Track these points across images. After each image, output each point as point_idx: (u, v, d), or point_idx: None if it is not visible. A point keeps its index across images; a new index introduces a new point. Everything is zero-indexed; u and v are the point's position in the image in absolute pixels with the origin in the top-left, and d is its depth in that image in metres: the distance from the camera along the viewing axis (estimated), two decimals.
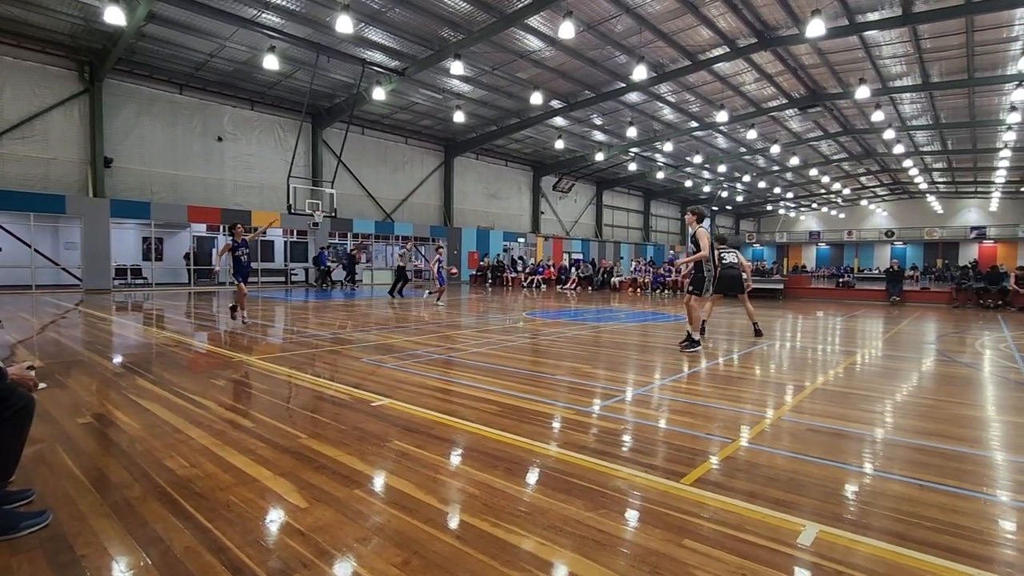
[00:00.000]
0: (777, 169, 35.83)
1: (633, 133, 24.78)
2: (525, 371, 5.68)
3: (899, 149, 27.96)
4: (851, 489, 2.76)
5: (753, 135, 24.45)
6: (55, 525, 2.25)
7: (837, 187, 42.22)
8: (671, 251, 43.90)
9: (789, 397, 4.72)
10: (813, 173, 36.20)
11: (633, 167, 31.96)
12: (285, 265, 23.64)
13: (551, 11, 14.65)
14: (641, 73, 15.77)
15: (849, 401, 4.58)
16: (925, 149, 30.63)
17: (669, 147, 27.76)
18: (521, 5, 14.50)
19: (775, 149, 27.67)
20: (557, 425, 3.81)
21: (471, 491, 2.66)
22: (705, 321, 8.19)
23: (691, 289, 7.30)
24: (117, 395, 4.46)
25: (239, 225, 9.22)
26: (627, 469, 2.94)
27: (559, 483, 2.75)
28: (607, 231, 40.26)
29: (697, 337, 7.02)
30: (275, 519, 2.37)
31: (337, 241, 24.89)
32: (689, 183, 40.44)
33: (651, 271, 23.33)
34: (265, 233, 11.62)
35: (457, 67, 16.56)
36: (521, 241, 32.69)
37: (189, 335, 8.32)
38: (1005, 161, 30.33)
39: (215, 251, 22.96)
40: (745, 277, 8.87)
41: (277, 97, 21.50)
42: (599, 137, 28.00)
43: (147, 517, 2.33)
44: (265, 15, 15.09)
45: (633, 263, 27.70)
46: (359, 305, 14.36)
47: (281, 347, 7.22)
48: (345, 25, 13.38)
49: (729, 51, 17.25)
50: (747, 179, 38.06)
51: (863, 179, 40.96)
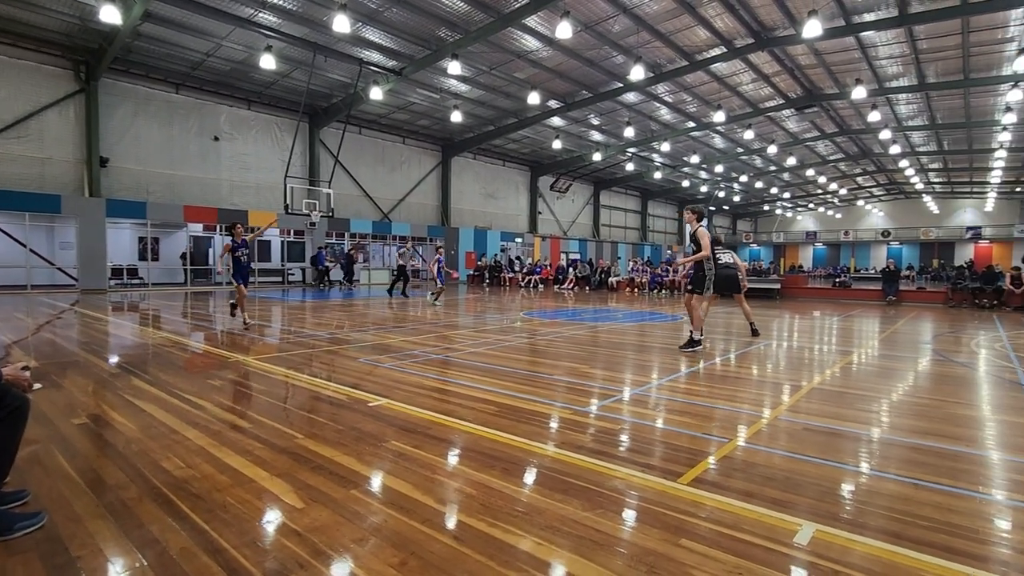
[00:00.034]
0: (774, 169, 35.91)
1: (630, 133, 24.81)
2: (522, 371, 5.68)
3: (895, 149, 28.05)
4: (847, 488, 2.77)
5: (750, 135, 24.53)
6: (50, 527, 2.24)
7: (834, 187, 42.33)
8: (668, 251, 43.95)
9: (786, 397, 4.73)
10: (810, 173, 36.29)
11: (630, 167, 32.01)
12: (282, 265, 23.59)
13: (549, 11, 14.65)
14: (638, 73, 15.79)
15: (845, 401, 4.59)
16: (921, 149, 30.72)
17: (666, 147, 27.78)
18: (518, 5, 14.49)
19: (772, 149, 27.73)
20: (554, 425, 3.81)
21: (468, 491, 2.66)
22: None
23: (691, 288, 7.26)
24: (113, 396, 4.45)
25: (239, 225, 8.97)
26: (624, 469, 2.95)
27: (556, 483, 2.75)
28: (604, 231, 40.29)
29: (699, 337, 6.97)
30: (272, 520, 2.36)
31: (334, 241, 24.86)
32: (686, 183, 40.50)
33: (648, 271, 23.34)
34: (263, 233, 11.50)
35: (455, 67, 16.57)
36: (519, 241, 32.69)
37: (185, 335, 8.30)
38: (1000, 161, 30.47)
39: (212, 251, 22.91)
40: (740, 277, 8.97)
41: (274, 97, 21.45)
42: (596, 137, 28.02)
43: (143, 518, 2.32)
44: (262, 14, 15.05)
45: (630, 263, 27.69)
46: (356, 305, 14.34)
47: (278, 347, 7.21)
48: (342, 25, 13.35)
49: (726, 51, 17.28)
50: (744, 179, 38.14)
51: (859, 179, 41.09)
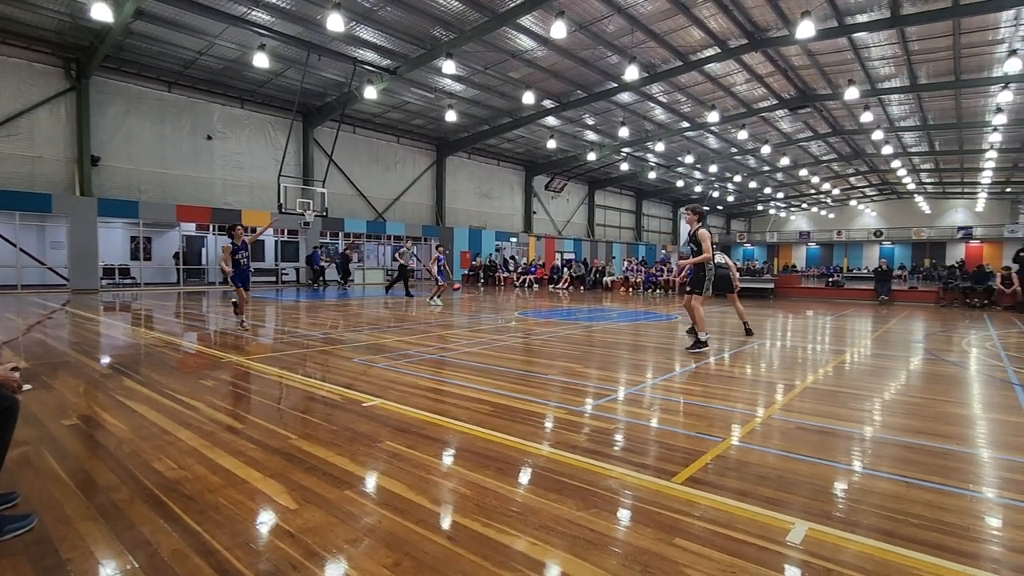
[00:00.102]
0: (767, 169, 36.08)
1: (625, 133, 24.85)
2: (517, 371, 5.68)
3: (887, 150, 28.25)
4: (840, 487, 2.78)
5: (744, 135, 24.66)
6: (40, 529, 2.22)
7: (827, 187, 42.58)
8: (663, 251, 44.04)
9: (779, 396, 4.75)
10: (803, 173, 36.50)
11: (625, 167, 32.06)
12: (276, 265, 23.48)
13: (543, 11, 14.65)
14: (633, 73, 15.83)
15: (838, 400, 4.62)
16: (913, 150, 30.96)
17: (661, 147, 27.88)
18: (513, 4, 14.48)
19: (765, 149, 27.87)
20: (549, 425, 3.81)
21: (463, 491, 2.66)
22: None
23: (690, 289, 7.21)
24: (104, 396, 4.41)
25: (239, 226, 8.65)
26: (619, 468, 2.95)
27: (551, 483, 2.75)
28: (599, 231, 40.35)
29: (705, 338, 6.90)
30: (265, 521, 2.35)
31: (328, 240, 24.78)
32: (681, 183, 40.64)
33: (643, 271, 23.41)
34: (260, 235, 11.33)
35: (449, 66, 16.55)
36: (513, 241, 32.69)
37: (178, 335, 8.24)
38: (991, 162, 30.73)
39: (204, 251, 22.78)
40: (732, 276, 9.06)
41: (267, 95, 21.34)
42: (591, 137, 28.06)
43: (134, 520, 2.30)
44: (255, 13, 14.97)
45: (625, 263, 27.78)
46: (351, 305, 14.29)
47: (272, 347, 7.17)
48: (336, 23, 13.30)
49: (720, 52, 17.34)
50: (738, 179, 38.31)
51: (852, 179, 41.37)
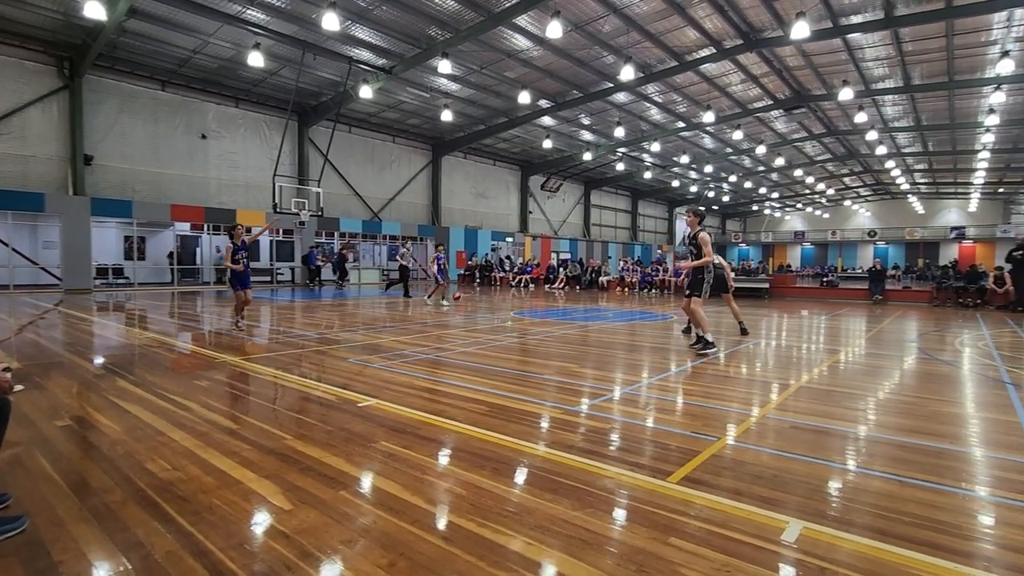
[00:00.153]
0: (763, 169, 36.21)
1: (621, 133, 24.89)
2: (513, 370, 5.68)
3: (881, 150, 28.41)
4: (834, 486, 2.80)
5: (739, 136, 24.73)
6: (32, 530, 2.20)
7: (821, 187, 42.77)
8: (658, 250, 44.18)
9: (774, 395, 4.77)
10: (798, 173, 36.64)
11: (621, 167, 32.11)
12: (271, 264, 23.40)
13: (539, 11, 14.65)
14: (628, 73, 15.84)
15: (833, 399, 4.64)
16: (907, 150, 31.13)
17: (656, 147, 27.94)
18: (509, 4, 14.47)
19: (761, 150, 27.98)
20: (545, 424, 3.81)
21: (458, 491, 2.65)
22: (690, 321, 8.24)
23: (688, 292, 7.20)
24: (97, 397, 4.38)
25: (239, 226, 8.54)
26: (614, 468, 2.95)
27: (546, 483, 2.76)
28: (595, 230, 40.39)
29: (711, 338, 6.90)
30: (259, 522, 2.34)
31: (324, 240, 24.71)
32: (676, 183, 40.73)
33: (639, 270, 23.45)
34: (257, 237, 11.23)
35: (445, 66, 16.51)
36: (509, 240, 32.67)
37: (172, 335, 8.20)
38: (984, 162, 30.96)
39: (199, 250, 22.67)
40: (727, 276, 9.13)
41: (262, 94, 21.25)
42: (587, 137, 28.07)
43: (128, 521, 2.29)
44: (250, 11, 14.90)
45: (621, 262, 27.80)
46: (347, 305, 14.26)
47: (267, 348, 7.14)
48: (331, 22, 13.26)
49: (715, 52, 17.39)
50: (733, 179, 38.42)
51: (847, 180, 41.57)
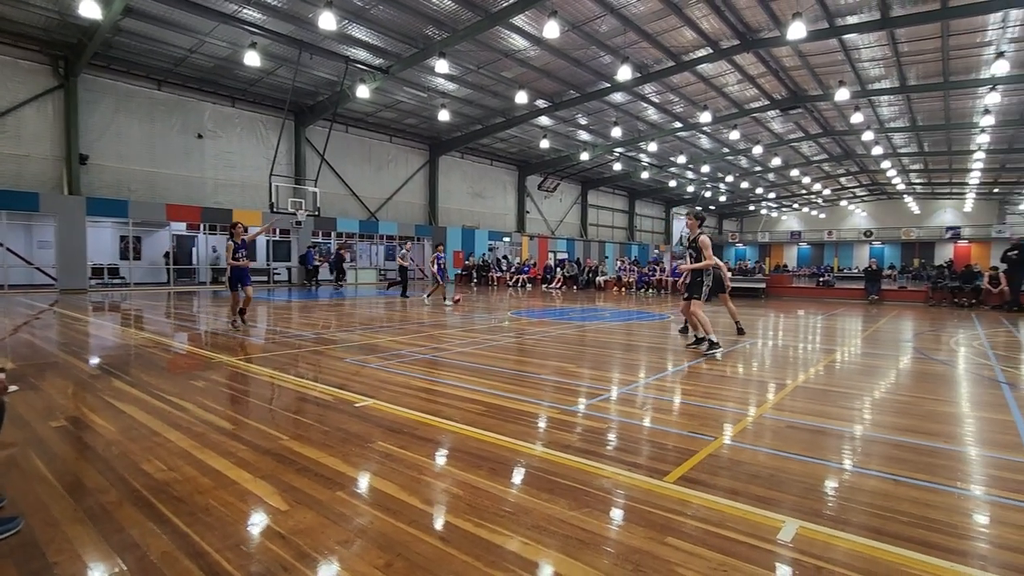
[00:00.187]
0: (759, 170, 36.30)
1: (618, 133, 24.92)
2: (510, 370, 5.68)
3: (877, 150, 28.52)
4: (830, 485, 2.81)
5: (736, 136, 24.81)
6: (27, 532, 2.19)
7: (817, 187, 42.90)
8: (656, 250, 44.23)
9: (771, 395, 4.78)
10: (794, 174, 36.74)
11: (618, 167, 32.16)
12: (268, 264, 23.34)
13: (536, 10, 14.65)
14: (626, 73, 15.86)
15: (829, 398, 4.65)
16: (902, 151, 31.27)
17: (653, 147, 27.96)
18: (506, 4, 14.47)
19: (757, 150, 28.02)
20: (542, 424, 3.81)
21: (455, 492, 2.65)
22: (687, 321, 8.26)
23: (687, 295, 7.19)
24: (93, 398, 4.36)
25: (239, 225, 8.44)
26: (611, 468, 2.96)
27: (543, 482, 2.76)
28: (592, 230, 40.43)
29: (716, 339, 6.88)
30: (255, 522, 2.33)
31: (321, 240, 24.66)
32: (673, 183, 40.79)
33: (636, 270, 23.47)
34: (256, 238, 11.17)
35: (442, 65, 16.51)
36: (506, 240, 32.67)
37: (168, 336, 8.17)
38: (979, 163, 31.09)
39: (195, 250, 22.58)
40: (723, 276, 9.09)
41: (259, 94, 21.20)
42: (584, 137, 28.10)
43: (123, 522, 2.28)
44: (246, 11, 14.86)
45: (618, 262, 27.82)
46: (344, 305, 14.23)
47: (263, 348, 7.13)
48: (328, 22, 13.23)
49: (712, 52, 17.43)
50: (730, 179, 38.50)
51: (843, 180, 41.72)
